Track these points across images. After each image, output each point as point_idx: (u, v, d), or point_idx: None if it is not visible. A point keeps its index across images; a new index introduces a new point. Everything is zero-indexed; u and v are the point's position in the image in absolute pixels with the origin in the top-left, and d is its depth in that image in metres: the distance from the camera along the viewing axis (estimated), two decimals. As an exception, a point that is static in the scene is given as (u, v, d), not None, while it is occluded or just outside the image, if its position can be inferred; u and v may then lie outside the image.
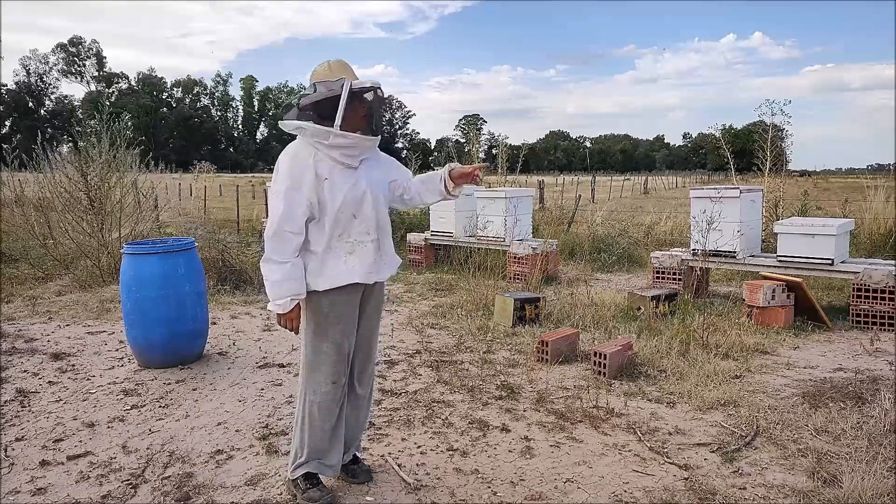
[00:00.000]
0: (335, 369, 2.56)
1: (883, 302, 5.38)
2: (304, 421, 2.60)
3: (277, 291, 2.44)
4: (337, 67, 2.52)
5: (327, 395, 2.57)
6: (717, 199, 6.21)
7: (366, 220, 2.52)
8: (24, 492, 2.75)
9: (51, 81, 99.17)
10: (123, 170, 8.24)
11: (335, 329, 2.53)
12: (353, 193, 2.48)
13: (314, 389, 2.58)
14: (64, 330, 5.49)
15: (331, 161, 2.46)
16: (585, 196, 21.38)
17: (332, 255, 2.49)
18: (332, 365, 2.55)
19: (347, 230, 2.50)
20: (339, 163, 2.47)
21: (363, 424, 2.85)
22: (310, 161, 2.43)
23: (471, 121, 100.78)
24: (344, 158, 2.47)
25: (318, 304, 2.52)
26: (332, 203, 2.45)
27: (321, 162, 2.44)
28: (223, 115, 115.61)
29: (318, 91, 2.47)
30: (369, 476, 2.82)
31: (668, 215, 13.02)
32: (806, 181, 28.40)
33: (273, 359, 4.65)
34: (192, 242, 4.65)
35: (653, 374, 4.19)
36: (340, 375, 2.59)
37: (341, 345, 2.56)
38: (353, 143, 2.47)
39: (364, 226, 2.52)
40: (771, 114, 8.94)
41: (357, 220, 2.50)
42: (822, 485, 2.72)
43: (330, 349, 2.54)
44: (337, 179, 2.46)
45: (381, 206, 2.59)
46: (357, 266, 2.51)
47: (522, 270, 7.53)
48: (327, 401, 2.58)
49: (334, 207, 2.45)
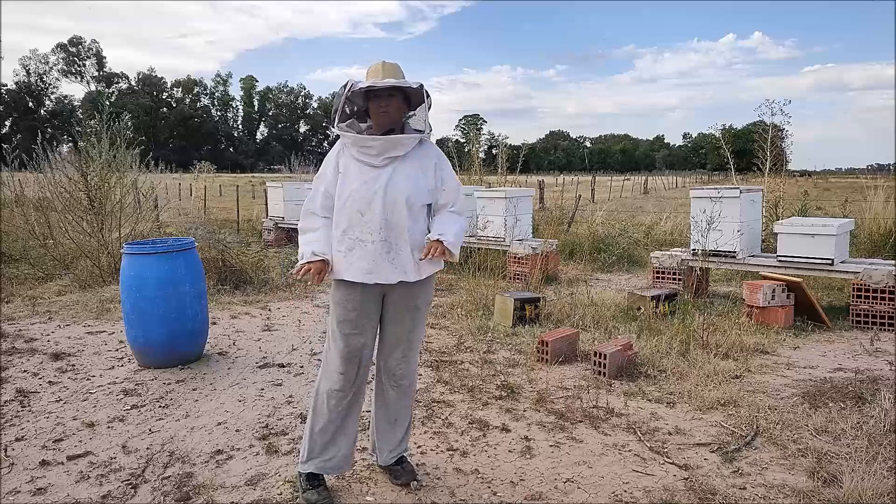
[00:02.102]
0: (341, 360, 2.59)
1: (883, 302, 5.38)
2: (313, 409, 2.67)
3: (304, 249, 2.57)
4: (371, 69, 2.56)
5: (335, 386, 2.61)
6: (717, 199, 6.21)
7: (372, 220, 2.49)
8: (24, 492, 2.75)
9: (51, 81, 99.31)
10: (123, 170, 8.24)
11: (345, 322, 2.57)
12: (361, 190, 2.48)
13: (325, 378, 2.64)
14: (64, 330, 5.48)
15: (352, 158, 2.53)
16: (585, 196, 21.38)
17: (339, 248, 2.53)
18: (339, 357, 2.59)
19: (353, 227, 2.50)
20: (359, 160, 2.51)
21: (398, 428, 2.78)
22: (334, 156, 2.58)
23: (471, 121, 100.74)
24: (361, 156, 2.51)
25: (335, 294, 2.61)
26: (339, 196, 2.52)
27: (343, 157, 2.56)
28: (223, 115, 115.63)
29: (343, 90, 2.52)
30: (412, 477, 2.77)
31: (668, 215, 13.03)
32: (806, 181, 28.42)
33: (273, 359, 4.65)
34: (192, 242, 4.65)
35: (653, 374, 4.19)
36: (348, 368, 2.60)
37: (348, 336, 2.57)
38: (354, 142, 2.50)
39: (369, 225, 2.49)
40: (771, 114, 8.95)
41: (364, 218, 2.49)
42: (822, 485, 2.72)
43: (338, 339, 2.58)
44: (350, 175, 2.51)
45: (397, 209, 2.49)
46: (355, 263, 2.51)
47: (522, 270, 7.53)
48: (335, 391, 2.61)
49: (340, 201, 2.52)
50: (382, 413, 2.78)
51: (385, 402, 2.77)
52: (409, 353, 2.72)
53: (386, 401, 2.76)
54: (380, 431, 2.79)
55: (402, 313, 2.65)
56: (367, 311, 2.59)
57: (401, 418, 2.78)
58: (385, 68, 2.52)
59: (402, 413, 2.78)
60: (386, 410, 2.77)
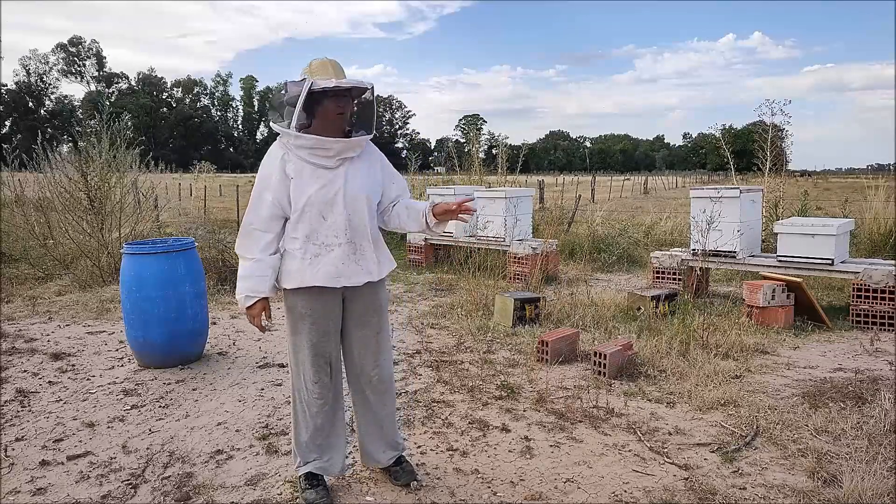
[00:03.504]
0: (314, 369, 2.54)
1: (883, 302, 5.38)
2: (294, 420, 2.65)
3: (241, 286, 2.49)
4: (317, 67, 2.44)
5: (312, 394, 2.56)
6: (717, 199, 6.21)
7: (336, 223, 2.45)
8: (24, 492, 2.75)
9: (51, 81, 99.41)
10: (123, 170, 8.24)
11: (310, 329, 2.51)
12: (321, 194, 2.42)
13: (299, 388, 2.60)
14: (64, 330, 5.48)
15: (300, 161, 2.42)
16: (585, 196, 21.38)
17: (301, 255, 2.46)
18: (310, 365, 2.54)
19: (316, 231, 2.45)
20: (310, 163, 2.42)
21: (387, 428, 2.74)
22: (278, 160, 2.43)
23: (471, 121, 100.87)
24: (314, 158, 2.42)
25: (292, 303, 2.53)
26: (295, 203, 2.42)
27: (290, 161, 2.42)
28: (223, 115, 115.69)
29: (288, 90, 2.41)
30: (412, 477, 2.74)
31: (668, 215, 13.02)
32: (806, 181, 28.44)
33: (273, 359, 4.65)
34: (192, 242, 4.65)
35: (653, 374, 4.19)
36: (321, 376, 2.56)
37: (317, 345, 2.53)
38: (313, 144, 2.40)
39: (333, 228, 2.45)
40: (771, 114, 8.96)
41: (327, 221, 2.44)
42: (822, 485, 2.72)
43: (307, 349, 2.53)
44: (305, 179, 2.41)
45: (358, 209, 2.48)
46: (322, 268, 2.45)
47: (522, 270, 7.53)
48: (313, 400, 2.57)
49: (298, 206, 2.42)
50: (369, 418, 2.71)
51: (369, 408, 2.70)
52: (381, 357, 2.67)
53: (370, 406, 2.70)
54: (370, 436, 2.73)
55: (369, 315, 2.62)
56: (334, 315, 2.55)
57: (388, 417, 2.74)
58: (335, 67, 2.44)
59: (387, 412, 2.73)
60: (372, 415, 2.71)
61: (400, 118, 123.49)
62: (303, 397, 2.59)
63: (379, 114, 2.63)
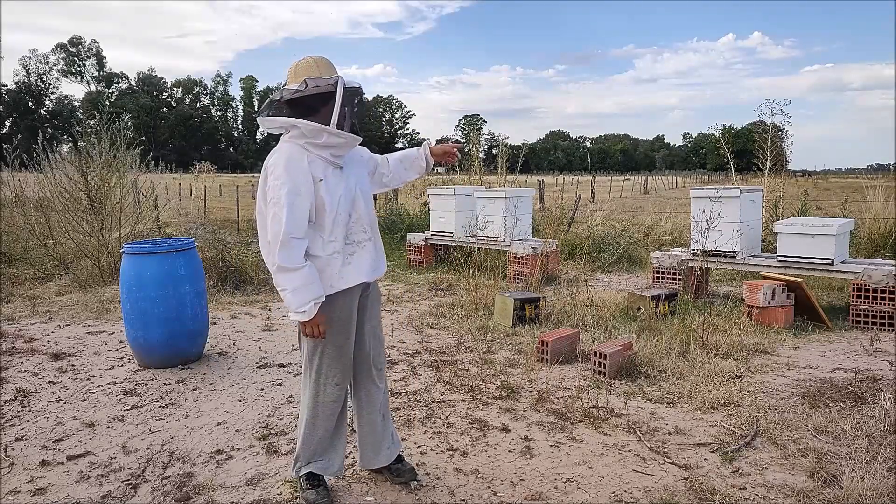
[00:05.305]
0: (339, 371, 2.55)
1: (883, 302, 5.38)
2: (308, 423, 2.59)
3: (301, 298, 2.33)
4: (325, 65, 2.45)
5: (330, 397, 2.56)
6: (717, 198, 6.21)
7: (361, 219, 2.53)
8: (24, 492, 2.75)
9: (51, 81, 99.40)
10: (123, 170, 8.24)
11: (338, 331, 2.51)
12: (346, 193, 2.47)
13: (318, 392, 2.55)
14: (64, 330, 5.48)
15: (322, 162, 2.41)
16: (585, 196, 21.38)
17: (337, 258, 2.45)
18: (336, 367, 2.54)
19: (347, 231, 2.49)
20: (329, 163, 2.44)
21: (387, 420, 2.76)
22: (304, 163, 2.36)
23: (471, 121, 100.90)
24: (333, 158, 2.44)
25: (325, 309, 2.47)
26: (329, 204, 2.40)
27: (314, 163, 2.38)
28: (223, 115, 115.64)
29: (308, 86, 2.34)
30: (412, 476, 2.76)
31: (668, 215, 13.02)
32: (806, 181, 28.45)
33: (273, 359, 4.65)
34: (192, 242, 4.65)
35: (653, 374, 4.19)
36: (344, 377, 2.58)
37: (343, 346, 2.54)
38: (346, 141, 2.42)
39: (360, 224, 2.53)
40: (771, 114, 8.96)
41: (352, 219, 2.50)
42: (822, 485, 2.72)
43: (333, 352, 2.52)
44: (331, 180, 2.42)
45: (370, 204, 2.61)
46: (362, 265, 2.52)
47: (522, 270, 7.53)
48: (330, 403, 2.57)
49: (333, 209, 2.41)
50: (371, 411, 2.71)
51: (372, 400, 2.71)
52: (379, 343, 2.76)
53: (372, 398, 2.71)
54: (374, 434, 2.72)
55: (375, 307, 2.72)
56: (354, 315, 2.57)
57: (386, 410, 2.77)
58: (331, 66, 2.47)
59: (385, 403, 2.77)
60: (374, 407, 2.71)
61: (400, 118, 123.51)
62: (320, 401, 2.55)
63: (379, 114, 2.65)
